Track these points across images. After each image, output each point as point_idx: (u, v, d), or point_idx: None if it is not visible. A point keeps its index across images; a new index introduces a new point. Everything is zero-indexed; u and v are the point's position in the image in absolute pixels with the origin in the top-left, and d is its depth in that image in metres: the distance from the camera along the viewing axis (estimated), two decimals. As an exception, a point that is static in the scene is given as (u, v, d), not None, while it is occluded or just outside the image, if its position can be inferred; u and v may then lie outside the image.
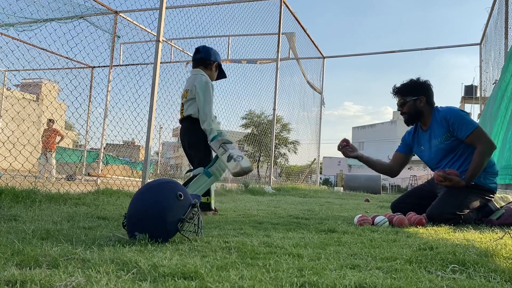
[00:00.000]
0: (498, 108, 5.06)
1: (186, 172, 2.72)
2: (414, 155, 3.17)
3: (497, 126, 5.02)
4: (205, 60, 2.99)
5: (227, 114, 11.20)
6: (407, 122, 3.01)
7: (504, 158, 4.42)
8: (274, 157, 8.47)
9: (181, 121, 2.95)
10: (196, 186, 2.60)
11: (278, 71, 8.04)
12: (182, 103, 2.92)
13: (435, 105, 2.94)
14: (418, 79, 2.95)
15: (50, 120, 9.85)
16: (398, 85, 2.97)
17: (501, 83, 4.94)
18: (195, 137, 2.81)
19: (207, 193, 2.79)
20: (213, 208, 2.88)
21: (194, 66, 3.03)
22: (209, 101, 2.77)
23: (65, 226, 1.95)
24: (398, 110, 3.03)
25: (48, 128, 9.82)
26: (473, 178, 2.69)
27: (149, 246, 1.50)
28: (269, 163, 8.25)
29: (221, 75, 3.14)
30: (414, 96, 2.89)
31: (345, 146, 2.99)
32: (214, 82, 3.04)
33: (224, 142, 2.49)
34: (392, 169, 3.15)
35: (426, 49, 10.18)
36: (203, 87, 2.78)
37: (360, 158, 3.07)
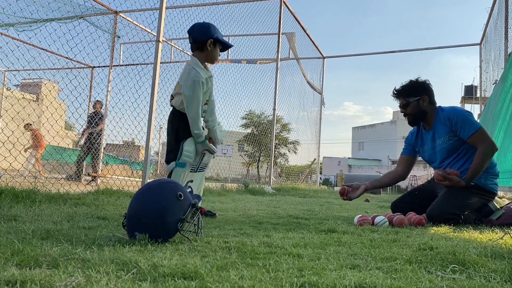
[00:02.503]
0: (500, 109, 5.05)
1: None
2: (419, 156, 3.14)
3: (499, 127, 5.01)
4: (196, 42, 2.72)
5: (227, 114, 11.20)
6: (412, 123, 2.99)
7: (510, 162, 4.40)
8: (274, 157, 8.46)
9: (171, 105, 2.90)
10: (177, 181, 2.61)
11: (278, 71, 8.04)
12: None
13: (438, 104, 2.93)
14: (417, 79, 2.93)
15: (26, 124, 9.73)
16: (398, 87, 2.94)
17: (504, 84, 4.93)
18: (170, 127, 2.81)
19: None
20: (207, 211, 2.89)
21: (192, 51, 2.81)
22: (193, 103, 2.63)
23: (65, 226, 1.95)
24: (401, 112, 3.00)
25: (32, 132, 9.85)
26: (473, 178, 2.69)
27: (149, 246, 1.49)
28: (269, 163, 8.25)
29: (225, 47, 2.83)
30: (416, 96, 2.86)
31: (346, 194, 2.90)
32: (214, 77, 2.90)
33: (206, 149, 2.77)
34: (400, 175, 3.12)
35: (426, 49, 10.19)
36: (187, 88, 2.63)
37: (367, 190, 2.97)
